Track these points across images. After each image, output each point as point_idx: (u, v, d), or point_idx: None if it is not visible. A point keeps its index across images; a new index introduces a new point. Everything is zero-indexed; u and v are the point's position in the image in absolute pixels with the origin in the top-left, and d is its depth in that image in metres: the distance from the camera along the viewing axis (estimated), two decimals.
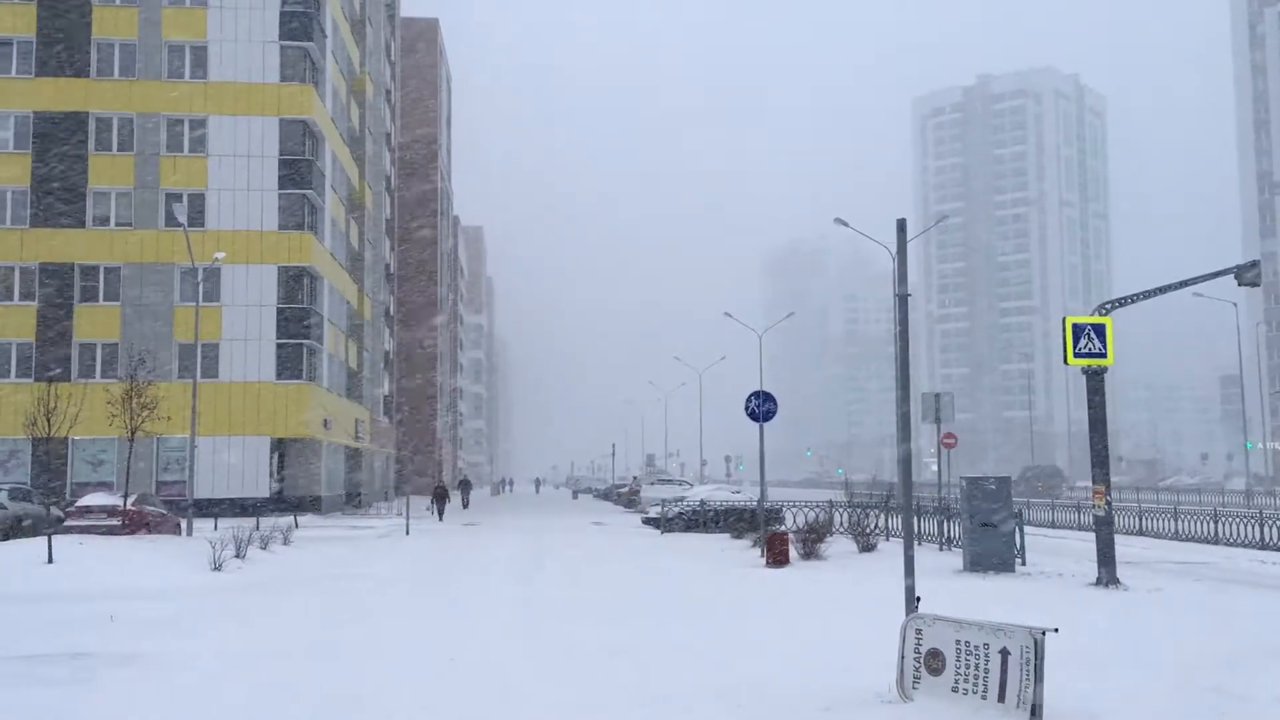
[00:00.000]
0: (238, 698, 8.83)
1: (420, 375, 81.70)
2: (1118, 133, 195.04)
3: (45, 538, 18.79)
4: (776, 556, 20.14)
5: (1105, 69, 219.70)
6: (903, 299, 10.25)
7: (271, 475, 40.42)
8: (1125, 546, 19.43)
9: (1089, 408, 16.80)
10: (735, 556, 22.54)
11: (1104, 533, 16.51)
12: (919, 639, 8.16)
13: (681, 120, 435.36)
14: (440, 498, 43.55)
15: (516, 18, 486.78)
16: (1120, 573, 16.42)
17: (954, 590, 15.26)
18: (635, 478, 72.12)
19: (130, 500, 24.83)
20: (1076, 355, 16.39)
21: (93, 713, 8.28)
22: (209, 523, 29.09)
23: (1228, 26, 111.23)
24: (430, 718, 8.05)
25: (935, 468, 46.60)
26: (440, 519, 40.84)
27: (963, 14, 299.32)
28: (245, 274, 40.72)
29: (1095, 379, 16.65)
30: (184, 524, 27.00)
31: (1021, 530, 19.70)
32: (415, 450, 78.29)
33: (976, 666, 7.75)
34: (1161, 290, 17.51)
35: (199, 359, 33.76)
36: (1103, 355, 16.43)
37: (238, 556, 20.14)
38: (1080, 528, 29.50)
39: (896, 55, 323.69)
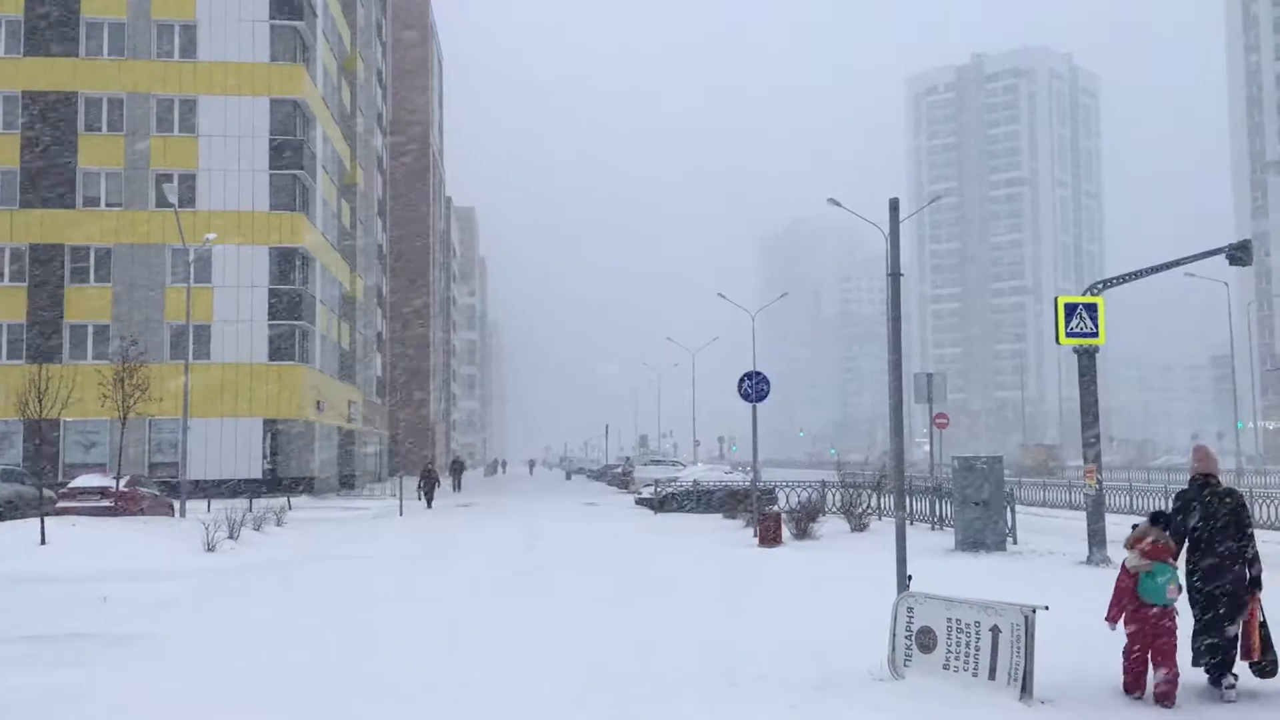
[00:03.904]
0: (236, 678, 8.86)
1: (413, 356, 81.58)
2: (1110, 112, 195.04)
3: (38, 519, 18.79)
4: (769, 536, 20.23)
5: (1098, 49, 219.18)
6: (895, 279, 10.25)
7: (264, 457, 40.37)
8: (1116, 525, 19.51)
9: (1080, 387, 16.86)
10: (728, 536, 22.62)
11: (1095, 512, 16.60)
12: (910, 617, 8.21)
13: (675, 102, 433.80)
14: (429, 482, 37.54)
15: None
16: (1111, 551, 16.49)
17: (945, 569, 15.34)
18: (628, 458, 72.14)
19: (123, 482, 24.82)
20: (1068, 335, 16.43)
21: (89, 695, 8.29)
22: (202, 504, 29.09)
23: (1221, 6, 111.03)
24: (428, 701, 8.08)
25: (927, 447, 46.73)
26: (429, 506, 35.95)
27: None
28: (236, 255, 40.54)
29: (1087, 358, 16.70)
30: (176, 505, 27.00)
31: (1013, 509, 19.78)
32: (408, 431, 78.29)
33: (968, 644, 7.80)
34: (1153, 270, 17.54)
35: (191, 340, 33.63)
36: (1094, 335, 16.47)
37: (231, 538, 20.16)
38: (1072, 507, 29.64)
39: (891, 34, 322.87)
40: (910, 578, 9.29)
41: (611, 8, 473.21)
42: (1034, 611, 7.58)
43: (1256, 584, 7.77)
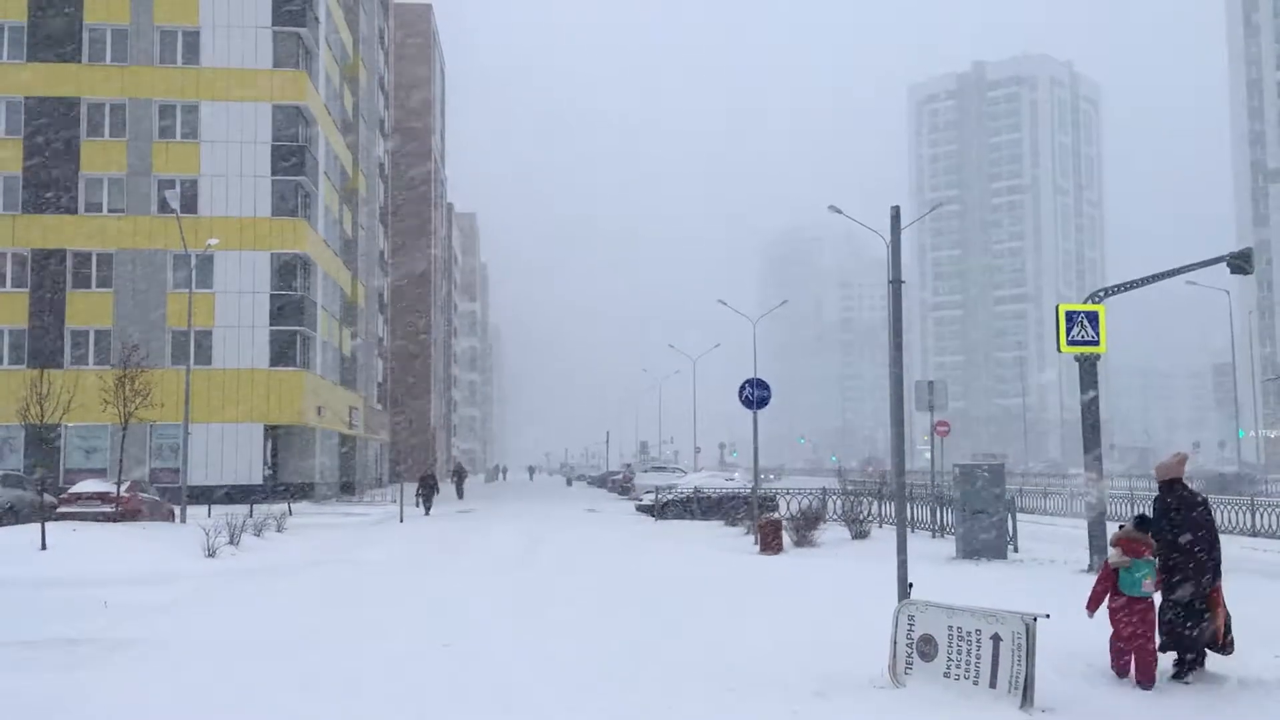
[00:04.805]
0: (234, 683, 8.85)
1: (414, 362, 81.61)
2: (1112, 120, 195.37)
3: (39, 524, 18.78)
4: (770, 543, 20.20)
5: (1099, 56, 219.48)
6: (896, 286, 10.26)
7: (265, 462, 40.38)
8: None
9: (1081, 395, 16.84)
10: (729, 543, 22.59)
11: (1096, 519, 16.57)
12: (911, 625, 8.20)
13: (676, 107, 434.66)
14: (428, 489, 36.66)
15: (514, 3, 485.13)
16: None
17: (946, 577, 15.31)
18: (629, 465, 72.14)
19: (124, 487, 24.78)
20: (1069, 343, 16.40)
21: (90, 698, 8.29)
22: (202, 509, 29.09)
23: (1222, 14, 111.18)
24: (425, 702, 8.08)
25: (928, 455, 46.72)
26: (427, 513, 35.09)
27: (960, 2, 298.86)
28: (238, 260, 40.61)
29: (1088, 366, 16.69)
30: (177, 511, 27.00)
31: (1014, 517, 19.76)
32: (409, 437, 78.25)
33: (968, 652, 7.79)
34: (1154, 278, 17.52)
35: (192, 346, 33.65)
36: (1095, 343, 16.45)
37: (231, 543, 20.16)
38: (1073, 515, 29.60)
39: (892, 42, 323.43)
40: (911, 585, 9.28)
41: (613, 16, 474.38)
42: (1035, 620, 7.57)
43: (1217, 575, 8.66)
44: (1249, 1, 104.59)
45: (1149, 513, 9.08)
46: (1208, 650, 8.73)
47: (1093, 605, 8.70)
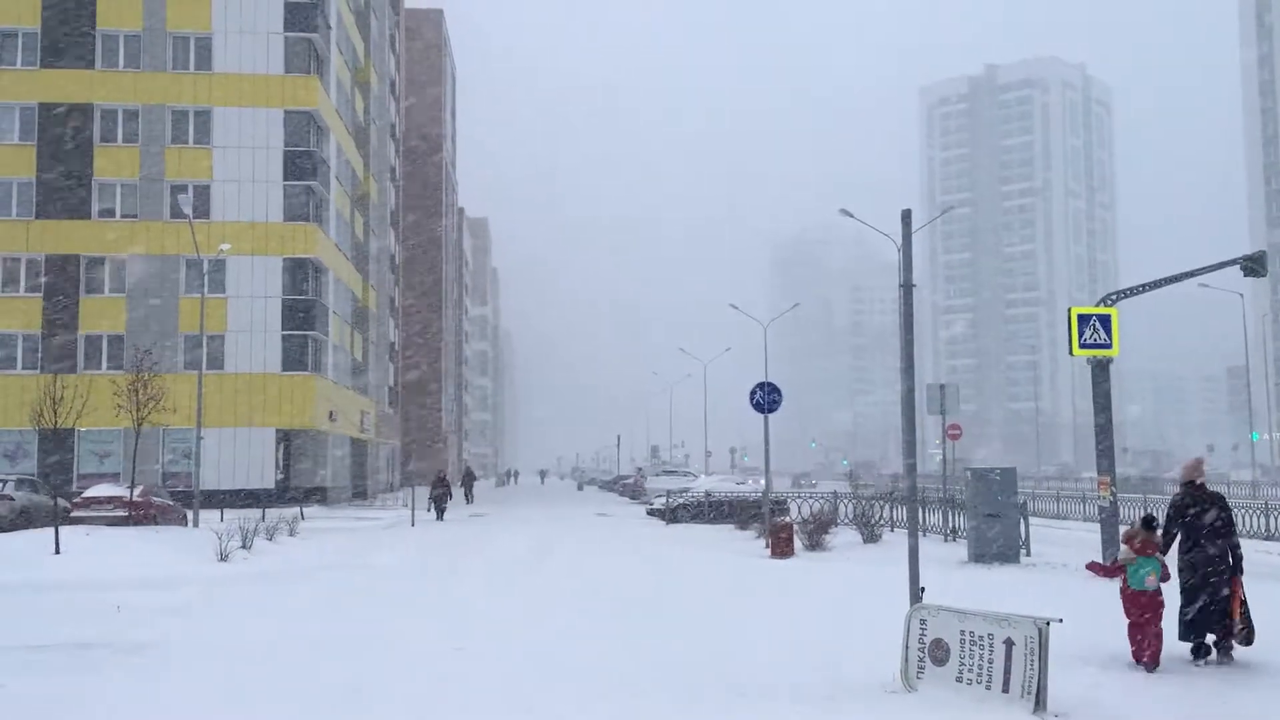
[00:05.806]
0: (244, 687, 8.87)
1: (425, 367, 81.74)
2: (1124, 123, 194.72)
3: (52, 528, 18.86)
4: (781, 547, 20.17)
5: (1112, 59, 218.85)
6: (908, 290, 10.23)
7: (277, 466, 40.47)
8: None
9: (1094, 399, 16.77)
10: (740, 547, 22.58)
11: (1109, 523, 16.51)
12: (923, 629, 8.17)
13: (688, 112, 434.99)
14: (440, 493, 35.49)
15: (522, 8, 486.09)
16: None
17: (958, 581, 15.26)
18: (640, 469, 72.10)
19: (136, 491, 24.89)
20: (1082, 346, 16.34)
21: (101, 702, 8.31)
22: (215, 514, 29.16)
23: (1235, 17, 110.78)
24: (435, 706, 8.08)
25: (939, 458, 46.61)
26: (440, 518, 34.48)
27: (969, 3, 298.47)
28: (250, 265, 40.72)
29: (1100, 370, 16.62)
30: (190, 515, 27.08)
31: (1026, 521, 19.69)
32: (420, 441, 78.39)
33: (981, 657, 7.76)
34: (1167, 281, 17.44)
35: (204, 350, 33.77)
36: (1108, 346, 16.39)
37: (244, 547, 20.21)
38: (1086, 519, 29.48)
39: (903, 45, 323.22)
40: (923, 589, 9.25)
41: (621, 18, 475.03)
42: (1048, 624, 7.54)
43: (1238, 569, 9.29)
44: (1262, 3, 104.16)
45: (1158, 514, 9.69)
46: (1232, 643, 9.21)
47: (1094, 568, 10.03)
